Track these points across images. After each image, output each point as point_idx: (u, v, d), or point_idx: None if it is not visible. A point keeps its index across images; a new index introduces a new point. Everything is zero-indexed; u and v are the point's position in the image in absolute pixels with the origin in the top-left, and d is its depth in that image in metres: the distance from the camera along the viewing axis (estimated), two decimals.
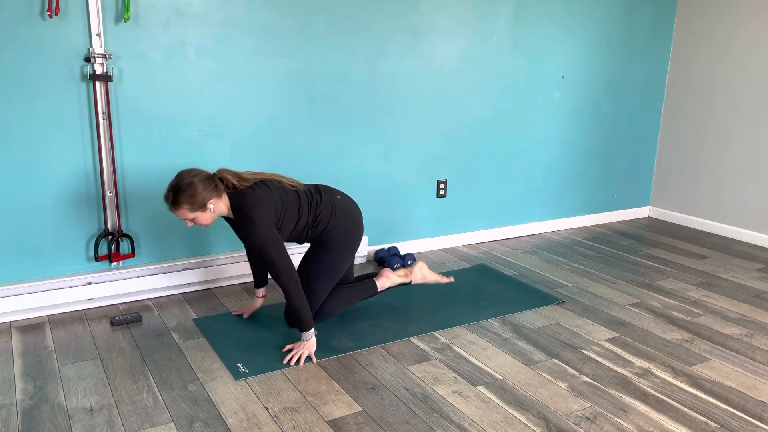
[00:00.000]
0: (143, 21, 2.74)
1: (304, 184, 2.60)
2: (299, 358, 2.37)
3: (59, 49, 2.62)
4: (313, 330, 2.42)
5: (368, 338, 2.58)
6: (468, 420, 2.04)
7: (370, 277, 2.80)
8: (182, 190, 2.28)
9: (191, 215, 2.33)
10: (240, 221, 2.34)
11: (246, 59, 3.00)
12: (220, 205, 2.36)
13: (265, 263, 2.36)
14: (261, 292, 2.76)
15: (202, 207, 2.31)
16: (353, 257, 2.70)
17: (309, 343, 2.41)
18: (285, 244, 2.65)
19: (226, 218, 2.50)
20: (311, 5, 3.09)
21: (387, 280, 2.79)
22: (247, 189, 2.39)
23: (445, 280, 2.91)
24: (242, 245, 3.20)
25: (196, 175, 2.32)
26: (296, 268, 2.54)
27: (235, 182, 2.39)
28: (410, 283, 2.84)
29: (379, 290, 2.78)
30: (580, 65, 4.01)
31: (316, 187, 2.62)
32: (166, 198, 2.33)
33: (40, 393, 2.15)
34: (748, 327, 2.77)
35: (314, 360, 2.38)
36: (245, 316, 2.75)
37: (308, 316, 2.39)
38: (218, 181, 2.36)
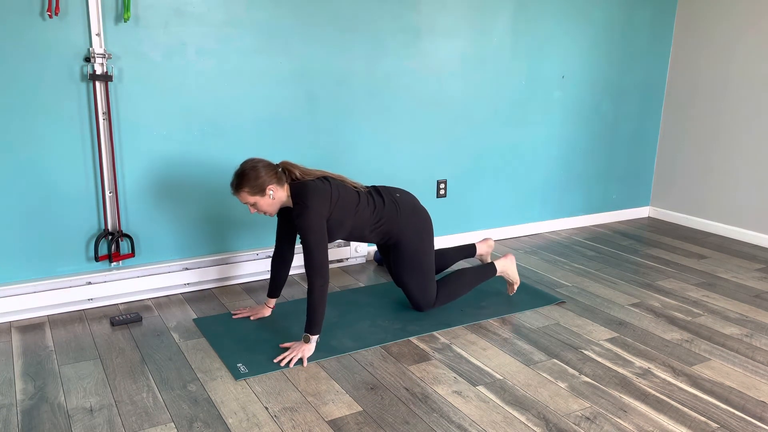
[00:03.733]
0: (143, 21, 2.74)
1: (365, 187, 2.71)
2: (290, 361, 2.36)
3: (59, 49, 2.62)
4: (317, 336, 2.42)
5: (368, 338, 2.58)
6: (468, 420, 2.04)
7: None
8: (244, 174, 2.42)
9: (252, 199, 2.43)
10: (296, 205, 2.45)
11: (246, 59, 3.00)
12: (280, 193, 2.47)
13: (303, 253, 2.41)
14: (272, 302, 2.77)
15: (262, 192, 2.42)
16: (432, 244, 2.79)
17: (308, 346, 2.40)
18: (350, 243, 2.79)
19: (281, 211, 2.62)
20: (311, 5, 3.09)
21: (507, 265, 2.98)
22: (308, 180, 2.50)
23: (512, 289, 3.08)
24: (245, 245, 3.21)
25: (260, 161, 2.46)
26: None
27: (297, 174, 2.51)
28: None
29: (499, 272, 2.97)
30: (580, 65, 4.01)
31: (375, 188, 2.73)
32: (231, 183, 2.46)
33: (40, 393, 2.15)
34: (748, 327, 2.77)
35: (305, 364, 2.36)
36: (252, 318, 2.74)
37: (321, 319, 2.40)
38: (280, 171, 2.47)
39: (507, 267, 2.99)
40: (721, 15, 4.05)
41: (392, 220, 2.66)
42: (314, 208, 2.41)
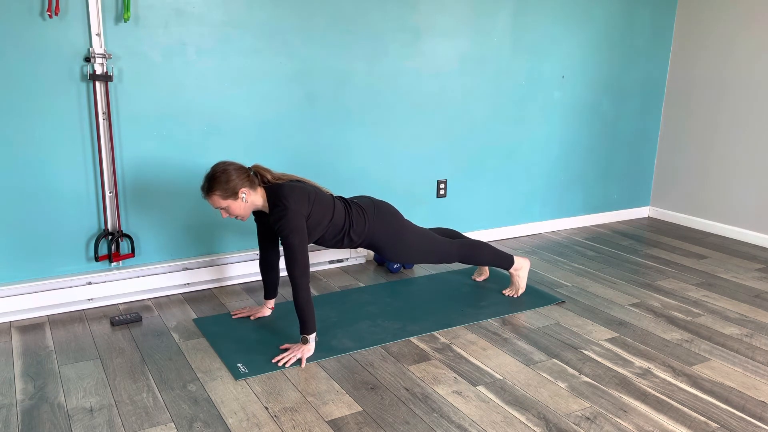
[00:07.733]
0: (143, 21, 2.74)
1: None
2: (288, 361, 2.35)
3: (59, 49, 2.62)
4: (314, 335, 2.42)
5: (368, 338, 2.58)
6: (468, 420, 2.04)
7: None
8: (215, 178, 2.39)
9: (224, 203, 2.41)
10: (274, 208, 2.42)
11: (246, 59, 3.00)
12: (253, 197, 2.45)
13: (285, 255, 2.39)
14: (271, 303, 2.77)
15: (234, 195, 2.39)
16: (404, 220, 2.80)
17: (307, 347, 2.40)
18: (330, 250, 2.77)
19: (256, 215, 2.60)
20: (311, 5, 3.09)
21: (522, 265, 3.00)
22: (284, 182, 2.49)
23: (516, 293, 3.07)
24: (244, 245, 3.21)
25: (230, 164, 2.43)
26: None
27: (269, 177, 2.50)
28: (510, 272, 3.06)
29: (513, 267, 2.99)
30: (580, 65, 4.01)
31: (337, 196, 2.71)
32: (202, 186, 2.43)
33: (40, 393, 2.15)
34: (748, 327, 2.77)
35: (303, 365, 2.36)
36: (252, 318, 2.74)
37: (312, 317, 2.39)
38: (252, 174, 2.46)
39: (522, 267, 3.01)
40: (721, 14, 4.05)
41: (360, 222, 2.64)
42: (295, 209, 2.39)
